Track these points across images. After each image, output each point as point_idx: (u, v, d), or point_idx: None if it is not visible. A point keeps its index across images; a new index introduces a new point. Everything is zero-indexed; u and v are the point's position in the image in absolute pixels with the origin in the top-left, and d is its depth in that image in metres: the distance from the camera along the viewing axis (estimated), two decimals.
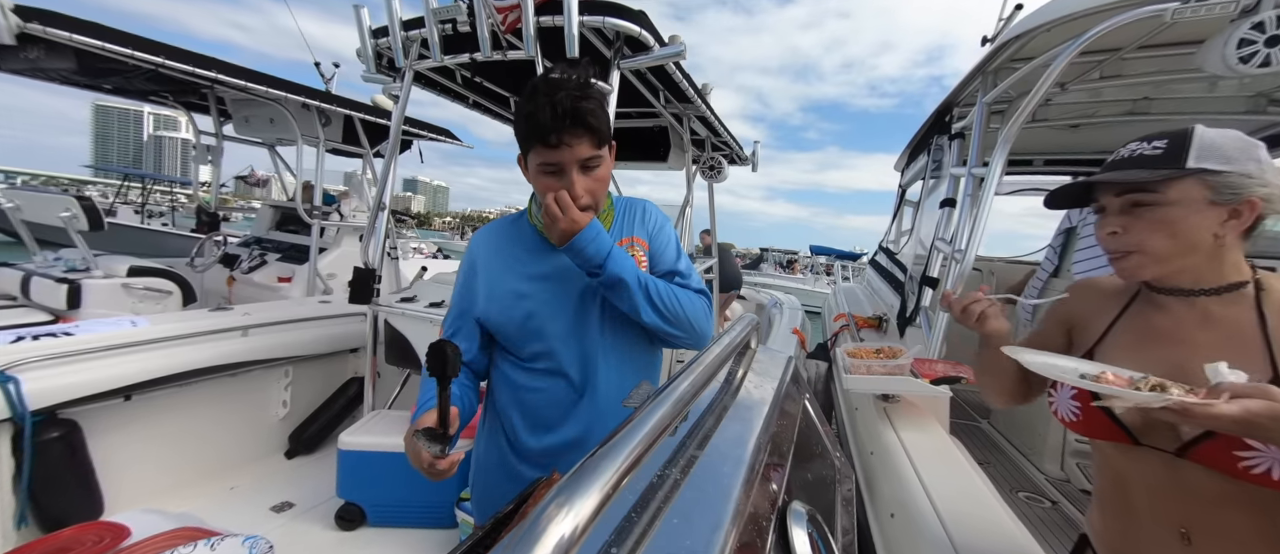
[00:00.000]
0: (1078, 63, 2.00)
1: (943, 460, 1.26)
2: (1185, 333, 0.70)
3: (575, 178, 0.86)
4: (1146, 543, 0.72)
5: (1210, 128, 0.67)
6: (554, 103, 0.81)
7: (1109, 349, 0.77)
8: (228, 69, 2.56)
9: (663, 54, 1.64)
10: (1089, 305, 0.82)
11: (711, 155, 3.00)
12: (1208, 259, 0.67)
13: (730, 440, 0.48)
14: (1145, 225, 0.68)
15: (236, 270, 3.19)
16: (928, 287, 2.10)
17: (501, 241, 1.02)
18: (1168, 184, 0.65)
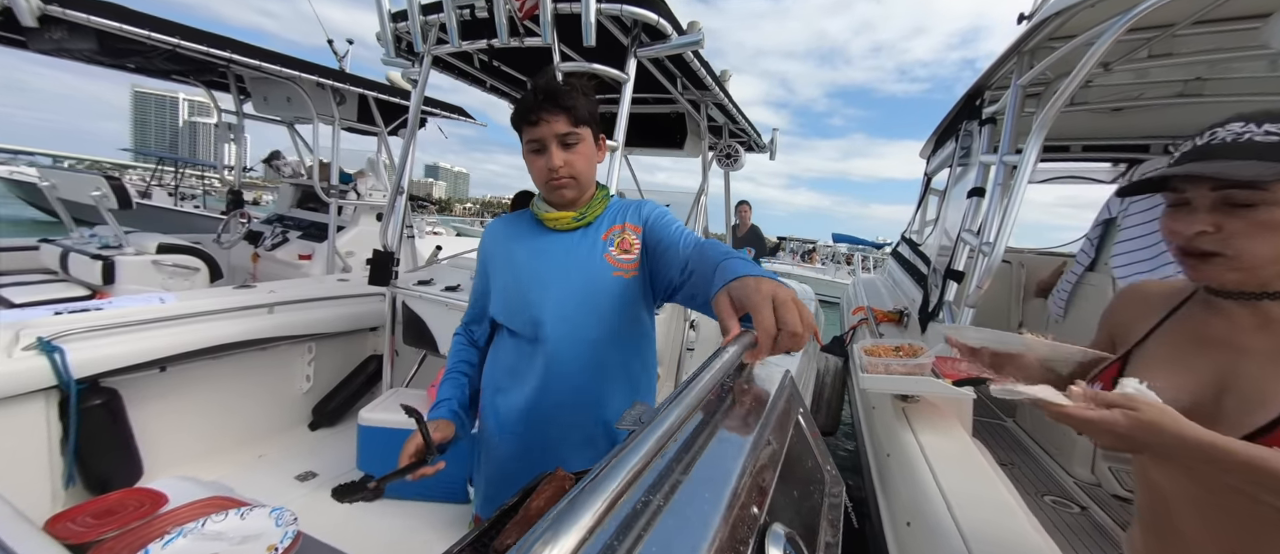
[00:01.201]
0: (1124, 41, 1.88)
1: (964, 466, 1.22)
2: (1240, 338, 0.64)
3: (554, 151, 0.96)
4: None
5: None
6: (535, 89, 0.96)
7: (1145, 356, 0.71)
8: (242, 48, 2.62)
9: (680, 43, 1.60)
10: (1133, 310, 0.77)
11: (728, 143, 2.94)
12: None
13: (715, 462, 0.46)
14: (1245, 227, 0.59)
15: (260, 247, 3.30)
16: (952, 280, 2.03)
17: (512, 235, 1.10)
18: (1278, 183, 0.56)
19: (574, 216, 1.04)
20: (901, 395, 1.57)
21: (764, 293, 0.62)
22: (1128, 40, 1.86)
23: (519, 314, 1.03)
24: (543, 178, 1.00)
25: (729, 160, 3.05)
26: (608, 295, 0.99)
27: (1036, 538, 0.92)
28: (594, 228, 1.06)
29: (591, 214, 1.06)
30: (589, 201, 1.06)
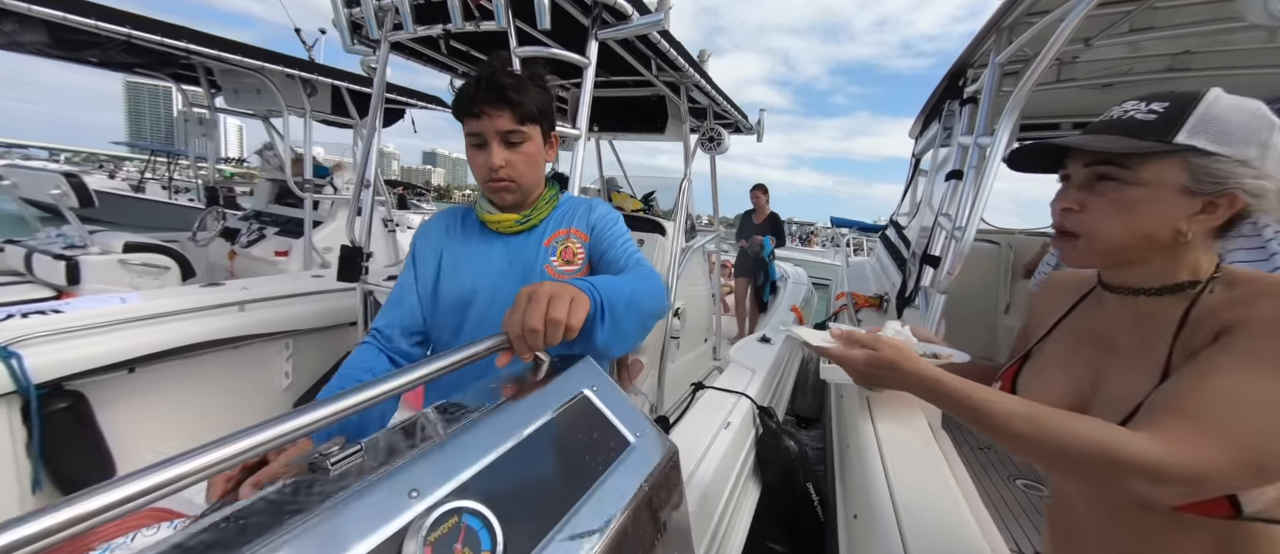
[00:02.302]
0: (1101, 14, 1.83)
1: (919, 459, 1.21)
2: (1115, 336, 0.62)
3: (495, 148, 0.89)
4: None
5: (1228, 95, 0.55)
6: (478, 80, 0.87)
7: (1042, 351, 0.70)
8: (200, 38, 2.53)
9: (642, 23, 1.54)
10: (1047, 302, 0.75)
11: (711, 126, 2.88)
12: (1165, 257, 0.58)
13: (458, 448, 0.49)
14: (1103, 206, 0.58)
15: (237, 244, 3.27)
16: (928, 265, 2.00)
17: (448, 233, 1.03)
18: (1145, 160, 0.55)
19: (517, 219, 0.98)
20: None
21: (521, 296, 0.64)
22: (1106, 13, 1.80)
23: (446, 324, 0.96)
24: (482, 176, 0.93)
25: (712, 144, 2.99)
26: None
27: (975, 529, 0.91)
28: (538, 232, 1.00)
29: (536, 217, 1.00)
30: (535, 203, 1.00)
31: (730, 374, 2.23)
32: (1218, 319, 0.53)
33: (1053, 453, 0.52)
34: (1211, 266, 0.57)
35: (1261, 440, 0.46)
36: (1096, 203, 0.58)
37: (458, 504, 0.44)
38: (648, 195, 3.50)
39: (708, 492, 1.33)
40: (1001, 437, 0.54)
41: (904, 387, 0.63)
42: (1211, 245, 0.58)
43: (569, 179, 1.50)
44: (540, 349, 0.64)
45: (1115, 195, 0.57)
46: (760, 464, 1.79)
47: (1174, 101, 0.55)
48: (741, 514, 1.64)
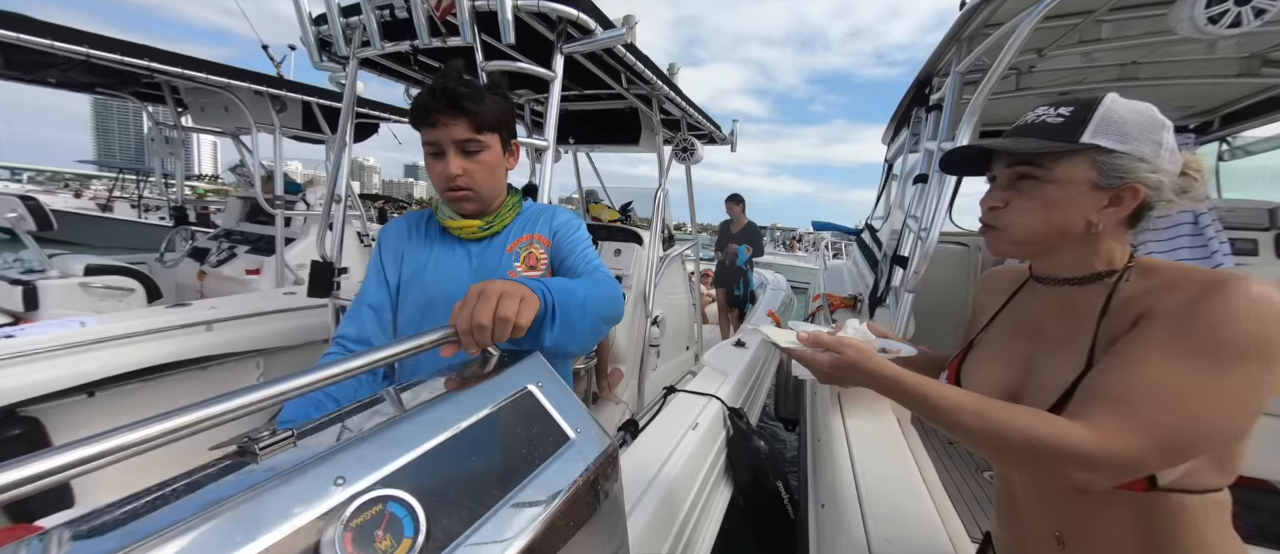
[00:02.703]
0: (1051, 27, 1.91)
1: (885, 450, 1.24)
2: (1045, 325, 0.66)
3: (452, 158, 0.89)
4: (1031, 548, 0.70)
5: (1124, 99, 0.60)
6: (433, 89, 0.88)
7: (983, 342, 0.74)
8: (165, 57, 2.49)
9: (604, 38, 1.57)
10: (987, 296, 0.79)
11: (685, 137, 2.92)
12: (1080, 247, 0.62)
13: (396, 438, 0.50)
14: (1022, 202, 0.62)
15: (206, 264, 3.19)
16: (898, 266, 2.05)
17: (411, 238, 1.03)
18: (1057, 159, 0.59)
19: (479, 225, 0.99)
20: None
21: (472, 291, 0.65)
22: (1056, 26, 1.88)
23: (409, 327, 0.96)
24: (441, 185, 0.94)
25: (686, 154, 3.03)
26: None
27: (935, 515, 0.93)
28: (501, 238, 1.01)
29: (499, 223, 1.01)
30: (497, 210, 1.01)
31: (703, 378, 2.25)
32: (1135, 307, 0.57)
33: (997, 444, 0.55)
34: (1125, 257, 0.62)
35: (1177, 424, 0.50)
36: (1018, 200, 0.63)
37: (382, 492, 0.44)
38: (625, 206, 3.52)
39: (672, 492, 1.34)
40: (952, 429, 0.57)
41: (866, 384, 0.65)
42: (1123, 237, 0.62)
43: (539, 190, 1.51)
44: (488, 345, 0.65)
45: (1034, 192, 0.61)
46: (731, 465, 1.81)
47: (1078, 106, 0.60)
48: (711, 514, 1.65)
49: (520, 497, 0.53)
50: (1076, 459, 0.51)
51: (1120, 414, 0.51)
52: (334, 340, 0.99)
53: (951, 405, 0.57)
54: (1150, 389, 0.51)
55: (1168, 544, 0.57)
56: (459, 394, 0.59)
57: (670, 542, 1.25)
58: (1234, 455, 0.56)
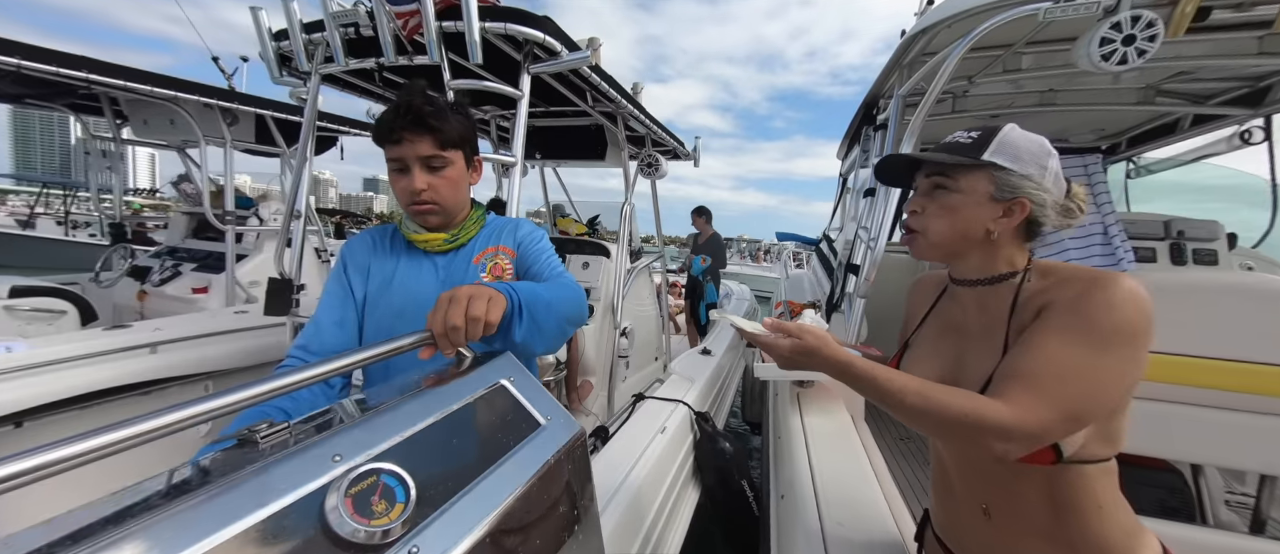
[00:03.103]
0: (978, 57, 2.10)
1: (839, 444, 1.33)
2: (967, 321, 0.76)
3: (417, 173, 0.92)
4: (961, 519, 0.79)
5: (1021, 129, 0.71)
6: (398, 107, 0.90)
7: (918, 341, 0.83)
8: (106, 69, 2.37)
9: (569, 60, 1.62)
10: (917, 300, 0.89)
11: (649, 152, 3.01)
12: (983, 251, 0.72)
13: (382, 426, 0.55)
14: (935, 208, 0.72)
15: (147, 283, 3.00)
16: (851, 273, 2.18)
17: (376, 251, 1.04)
18: (963, 172, 0.70)
19: (445, 238, 1.01)
20: (798, 382, 1.69)
21: (442, 298, 0.70)
22: (982, 56, 2.08)
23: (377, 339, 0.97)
24: (406, 200, 0.96)
25: (651, 169, 3.12)
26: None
27: (882, 501, 1.01)
28: (467, 250, 1.04)
29: (464, 236, 1.03)
30: (461, 223, 1.04)
31: (670, 384, 2.31)
32: (1037, 301, 0.67)
33: (935, 421, 0.63)
34: (1023, 260, 0.72)
35: (1074, 395, 0.60)
36: (932, 207, 0.73)
37: (376, 465, 0.50)
38: (592, 219, 3.57)
39: (641, 494, 1.38)
40: (898, 409, 0.65)
41: (822, 369, 0.71)
42: (1020, 245, 0.72)
43: (507, 205, 1.54)
44: (462, 345, 0.69)
45: (944, 200, 0.72)
46: (699, 467, 1.86)
47: (984, 131, 0.71)
48: (680, 515, 1.70)
49: (498, 472, 0.59)
50: (996, 431, 0.59)
51: (1030, 391, 0.60)
52: (290, 351, 0.98)
53: (897, 388, 0.65)
54: (1051, 368, 0.61)
55: (1072, 506, 0.66)
56: (438, 388, 0.63)
57: (640, 542, 1.29)
58: (1117, 430, 0.66)
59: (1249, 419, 1.17)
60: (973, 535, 0.77)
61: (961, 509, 0.78)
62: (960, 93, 2.76)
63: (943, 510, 0.84)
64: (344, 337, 0.99)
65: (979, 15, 1.58)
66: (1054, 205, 0.69)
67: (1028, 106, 2.87)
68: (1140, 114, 2.68)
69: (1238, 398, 1.16)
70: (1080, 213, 0.71)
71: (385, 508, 0.48)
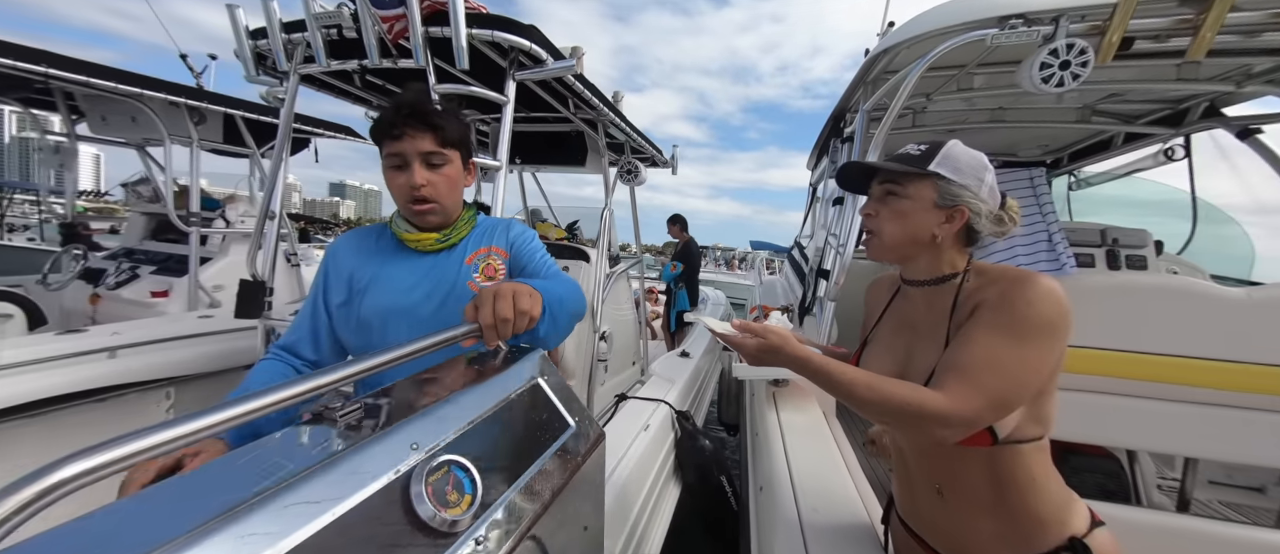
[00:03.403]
0: (935, 76, 2.26)
1: (812, 438, 1.40)
2: (916, 319, 0.84)
3: (417, 169, 0.93)
4: (919, 500, 0.86)
5: (964, 145, 0.80)
6: (399, 104, 0.93)
7: (876, 337, 0.91)
8: (63, 63, 2.27)
9: (555, 68, 1.67)
10: (874, 299, 0.97)
11: (629, 159, 3.08)
12: (929, 254, 0.81)
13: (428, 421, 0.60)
14: (887, 213, 0.80)
15: (101, 286, 2.85)
16: (822, 278, 2.29)
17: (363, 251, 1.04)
18: (912, 180, 0.78)
19: (437, 238, 1.02)
20: (774, 381, 1.77)
21: (486, 292, 0.75)
22: (938, 75, 2.24)
23: (366, 338, 0.97)
24: (404, 197, 0.96)
25: (629, 176, 3.18)
26: None
27: (853, 490, 1.08)
28: (459, 250, 1.05)
29: (456, 236, 1.05)
30: (454, 223, 1.05)
31: (652, 385, 2.35)
32: (973, 300, 0.75)
33: (882, 409, 0.70)
34: (963, 263, 0.81)
35: (1000, 384, 0.67)
36: (885, 211, 0.81)
37: (448, 457, 0.56)
38: (571, 224, 3.60)
39: (626, 489, 1.42)
40: (850, 400, 0.72)
41: (785, 364, 0.78)
42: (961, 249, 0.81)
43: (491, 208, 1.56)
44: (508, 336, 0.74)
45: (895, 205, 0.80)
46: (680, 464, 1.91)
47: (931, 144, 0.79)
48: (662, 510, 1.74)
49: (539, 469, 0.65)
50: (935, 418, 0.66)
51: (963, 382, 0.68)
52: (272, 349, 1.00)
53: (849, 380, 0.72)
54: (980, 361, 0.68)
55: (1010, 482, 0.74)
56: (483, 385, 0.70)
57: (624, 536, 1.32)
58: (1046, 412, 0.74)
59: (1175, 408, 1.27)
60: (929, 514, 0.85)
61: (918, 491, 0.85)
62: (919, 108, 2.94)
63: (903, 494, 0.91)
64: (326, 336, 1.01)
65: (935, 38, 1.71)
66: (989, 214, 0.77)
67: (980, 122, 3.08)
68: (1079, 131, 2.91)
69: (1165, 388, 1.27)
70: (1012, 223, 0.80)
71: (457, 499, 0.54)
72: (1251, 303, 1.20)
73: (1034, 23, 1.55)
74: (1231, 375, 1.21)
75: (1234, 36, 1.58)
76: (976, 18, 1.60)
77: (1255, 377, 1.19)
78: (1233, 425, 1.23)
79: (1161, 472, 2.02)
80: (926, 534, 0.87)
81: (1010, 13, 1.57)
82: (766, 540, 1.10)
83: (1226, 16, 1.42)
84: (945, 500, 0.81)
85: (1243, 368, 1.20)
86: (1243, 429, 1.22)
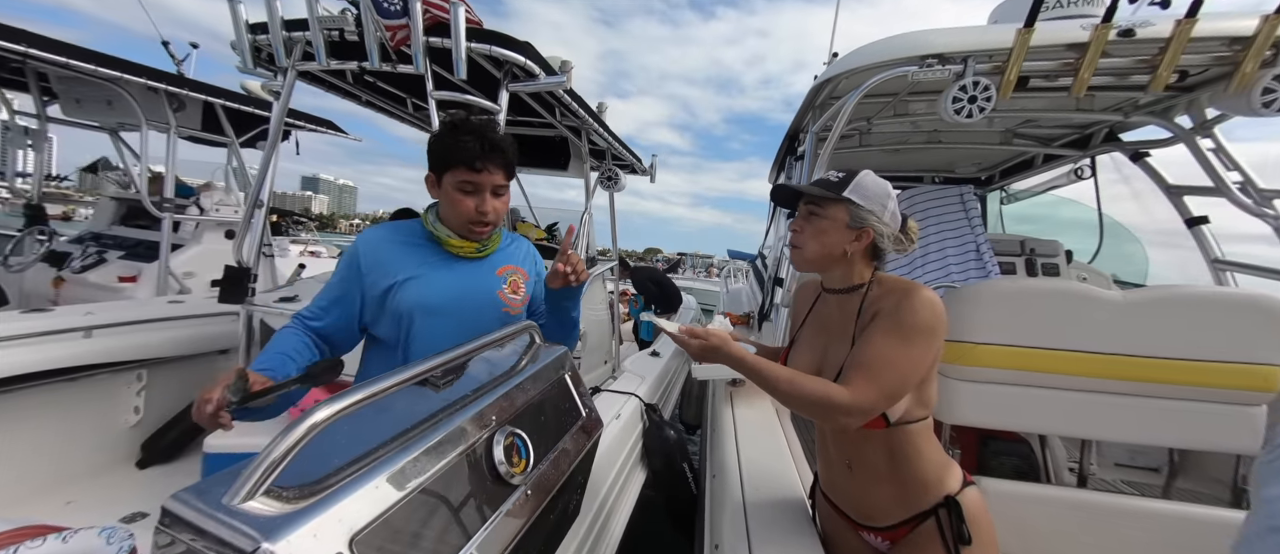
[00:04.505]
0: (873, 102, 2.53)
1: (762, 431, 1.57)
2: (831, 320, 1.00)
3: (488, 198, 1.09)
4: (834, 475, 1.03)
5: (873, 175, 0.94)
6: (483, 139, 1.05)
7: (800, 337, 1.07)
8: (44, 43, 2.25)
9: (547, 83, 1.78)
10: (800, 301, 1.14)
11: (609, 166, 3.24)
12: (842, 266, 0.96)
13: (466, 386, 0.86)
14: (810, 230, 0.95)
15: (66, 269, 2.77)
16: (778, 286, 2.51)
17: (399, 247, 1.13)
18: (830, 203, 0.93)
19: (476, 247, 1.16)
20: (731, 381, 1.94)
21: (559, 264, 1.11)
22: (876, 101, 2.51)
23: (397, 325, 1.08)
24: (469, 217, 1.08)
25: (610, 182, 3.34)
26: (496, 325, 1.10)
27: (793, 473, 1.26)
28: (491, 261, 1.20)
29: (491, 248, 1.19)
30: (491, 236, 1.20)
31: (623, 380, 2.51)
32: (873, 307, 0.92)
33: (799, 401, 0.84)
34: (869, 274, 0.96)
35: (891, 378, 0.83)
36: (808, 229, 0.96)
37: (512, 429, 0.80)
38: (551, 226, 3.73)
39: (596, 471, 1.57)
40: (775, 393, 0.87)
41: (724, 361, 0.89)
42: (868, 263, 0.96)
43: None
44: (585, 278, 1.12)
45: (816, 224, 0.95)
46: (647, 452, 2.07)
47: (847, 173, 0.95)
48: (628, 492, 1.90)
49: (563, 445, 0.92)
50: (840, 408, 0.82)
51: (862, 377, 0.82)
52: (296, 318, 1.09)
53: (774, 376, 0.85)
54: (876, 360, 0.84)
55: (902, 455, 0.92)
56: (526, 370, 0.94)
57: (592, 514, 1.46)
58: (929, 396, 0.91)
59: (1075, 396, 1.44)
60: (842, 485, 1.02)
61: (834, 467, 1.02)
62: (865, 130, 3.24)
63: (823, 471, 1.08)
64: (341, 314, 1.10)
65: (868, 71, 1.95)
66: (890, 235, 0.93)
67: (920, 143, 3.41)
68: (1005, 152, 3.29)
69: (1067, 379, 1.42)
70: (911, 243, 0.96)
71: (518, 460, 0.78)
72: (1128, 304, 1.40)
73: (948, 62, 1.81)
74: (1116, 366, 1.39)
75: (1108, 77, 1.90)
76: (901, 56, 1.85)
77: (1133, 367, 1.38)
78: (1119, 410, 1.41)
79: (1073, 456, 2.29)
80: (841, 503, 1.02)
81: (928, 53, 1.82)
82: (717, 518, 1.23)
83: (1098, 62, 1.71)
84: (853, 474, 0.97)
85: (1124, 360, 1.38)
86: (1127, 413, 1.41)
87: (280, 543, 0.46)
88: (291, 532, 0.48)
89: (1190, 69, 1.89)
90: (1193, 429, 1.38)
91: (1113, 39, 1.65)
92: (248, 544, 0.45)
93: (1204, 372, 1.34)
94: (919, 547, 0.92)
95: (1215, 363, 1.33)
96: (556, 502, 0.89)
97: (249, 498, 0.49)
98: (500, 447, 0.73)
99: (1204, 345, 1.35)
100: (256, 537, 0.46)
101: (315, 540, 0.49)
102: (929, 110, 2.66)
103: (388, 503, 0.58)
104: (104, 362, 1.94)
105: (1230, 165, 2.18)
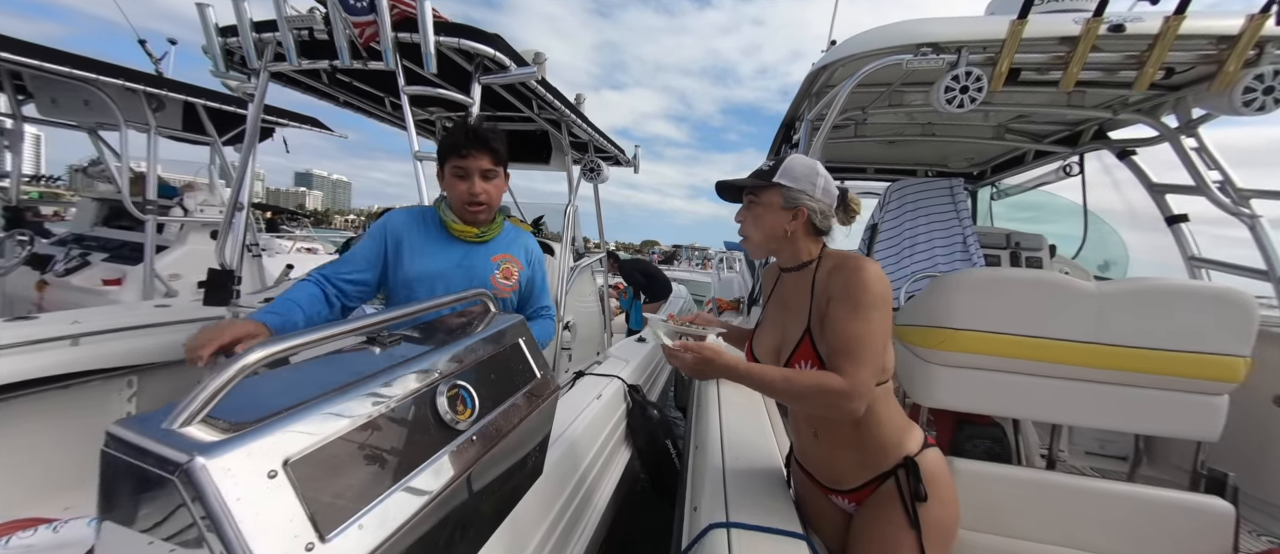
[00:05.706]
0: (867, 92, 2.50)
1: (743, 408, 1.60)
2: (788, 297, 1.05)
3: (476, 181, 1.23)
4: (805, 443, 1.08)
5: (800, 156, 0.99)
6: (467, 129, 1.24)
7: (766, 313, 1.11)
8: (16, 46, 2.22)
9: (518, 74, 1.79)
10: (766, 282, 1.18)
11: (592, 158, 3.22)
12: (788, 246, 1.01)
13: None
14: (750, 217, 1.01)
15: (49, 272, 2.76)
16: None
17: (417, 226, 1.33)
18: (763, 191, 0.98)
19: (477, 233, 1.31)
20: None
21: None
22: (871, 91, 2.48)
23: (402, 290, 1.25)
24: (463, 200, 1.25)
25: (592, 174, 3.32)
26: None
27: (773, 445, 1.30)
28: (489, 247, 1.34)
29: (489, 235, 1.34)
30: (490, 223, 1.35)
31: (608, 364, 2.54)
32: (829, 283, 0.94)
33: (797, 397, 0.89)
34: (817, 250, 1.01)
35: (873, 354, 0.86)
36: (749, 217, 1.02)
37: (458, 381, 0.85)
38: (537, 219, 3.71)
39: (577, 446, 1.63)
40: (772, 393, 0.91)
41: (718, 374, 0.92)
42: (813, 239, 1.00)
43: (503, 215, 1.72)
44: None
45: (755, 211, 1.00)
46: (631, 432, 2.12)
47: (778, 160, 0.99)
48: (612, 468, 1.95)
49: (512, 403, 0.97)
50: (841, 394, 0.84)
51: (849, 361, 0.86)
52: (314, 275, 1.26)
53: (768, 378, 0.90)
54: (853, 341, 0.87)
55: (864, 422, 0.95)
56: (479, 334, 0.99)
57: (573, 485, 1.51)
58: (887, 363, 0.94)
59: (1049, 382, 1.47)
60: (811, 452, 1.09)
61: (802, 436, 1.08)
62: (861, 120, 3.21)
63: (796, 438, 1.14)
64: (369, 274, 1.28)
65: (862, 59, 1.93)
66: (823, 210, 0.97)
67: (914, 136, 3.37)
68: (997, 147, 3.26)
69: (1040, 366, 1.46)
70: (855, 212, 1.01)
71: (463, 409, 0.84)
72: (1102, 295, 1.43)
73: (942, 51, 1.79)
74: (1088, 355, 1.42)
75: (1097, 72, 1.88)
76: (897, 43, 1.84)
77: (1104, 355, 1.42)
78: (1090, 397, 1.45)
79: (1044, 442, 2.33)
80: (811, 469, 1.09)
81: (923, 42, 1.80)
82: (697, 485, 1.28)
83: (1088, 56, 1.70)
84: (820, 441, 1.03)
85: (1096, 348, 1.42)
86: (1097, 400, 1.45)
87: (214, 460, 0.50)
88: (225, 453, 0.51)
89: (1176, 67, 1.87)
90: (1159, 417, 1.42)
91: (1103, 33, 1.64)
92: (181, 458, 0.49)
93: (1172, 361, 1.37)
94: (880, 506, 0.97)
95: (1183, 353, 1.37)
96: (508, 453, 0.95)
97: (187, 424, 0.53)
98: (444, 396, 0.78)
99: (1173, 336, 1.38)
100: (190, 452, 0.49)
101: (249, 459, 0.53)
102: (924, 101, 2.63)
103: (326, 435, 0.61)
104: (94, 368, 1.94)
105: (1212, 164, 2.19)
